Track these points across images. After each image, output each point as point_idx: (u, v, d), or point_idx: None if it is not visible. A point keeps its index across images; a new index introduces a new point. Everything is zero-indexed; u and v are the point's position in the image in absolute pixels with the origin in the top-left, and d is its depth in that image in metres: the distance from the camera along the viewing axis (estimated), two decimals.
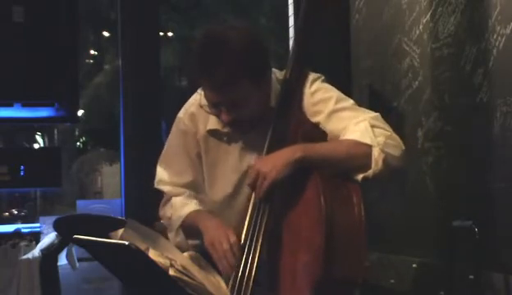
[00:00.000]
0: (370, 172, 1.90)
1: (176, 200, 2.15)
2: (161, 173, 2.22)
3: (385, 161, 1.89)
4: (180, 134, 2.17)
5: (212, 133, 2.12)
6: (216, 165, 2.13)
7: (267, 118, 2.01)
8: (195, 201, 2.13)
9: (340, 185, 1.86)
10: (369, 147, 1.90)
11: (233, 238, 1.91)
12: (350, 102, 2.05)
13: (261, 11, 11.84)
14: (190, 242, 2.09)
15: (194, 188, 2.17)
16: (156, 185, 2.23)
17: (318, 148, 1.92)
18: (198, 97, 2.14)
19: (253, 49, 1.95)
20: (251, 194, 1.96)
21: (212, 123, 2.10)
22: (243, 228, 1.94)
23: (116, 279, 1.96)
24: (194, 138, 2.15)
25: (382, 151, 1.89)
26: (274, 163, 1.86)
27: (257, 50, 1.97)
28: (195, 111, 2.14)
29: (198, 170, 2.17)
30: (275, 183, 1.85)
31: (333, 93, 2.05)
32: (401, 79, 2.84)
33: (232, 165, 2.10)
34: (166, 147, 2.24)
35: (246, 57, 1.92)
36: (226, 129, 2.09)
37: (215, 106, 1.97)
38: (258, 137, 2.03)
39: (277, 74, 2.09)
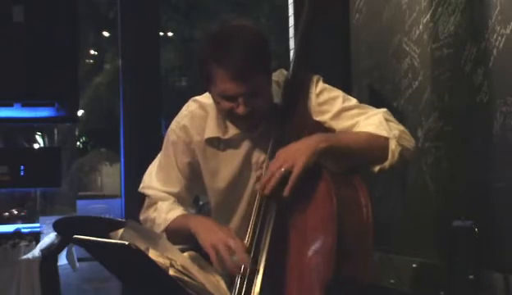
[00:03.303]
0: (386, 163, 1.94)
1: (162, 204, 2.13)
2: (147, 179, 2.22)
3: (401, 153, 1.95)
4: (171, 145, 2.16)
5: (211, 141, 2.10)
6: (217, 172, 2.12)
7: (268, 119, 2.01)
8: (182, 208, 2.12)
9: (348, 185, 1.87)
10: (386, 139, 1.94)
11: (238, 241, 1.88)
12: (355, 100, 2.08)
13: (261, 11, 11.83)
14: None
15: (179, 199, 2.15)
16: (140, 189, 2.22)
17: (340, 138, 1.94)
18: (190, 108, 2.13)
19: (265, 43, 1.98)
20: (254, 193, 1.95)
21: (211, 131, 2.09)
22: (247, 225, 1.93)
23: (116, 279, 1.96)
24: (187, 147, 2.13)
25: (399, 143, 1.93)
26: (301, 150, 1.83)
27: (267, 44, 1.99)
28: (188, 123, 2.12)
29: (187, 181, 2.16)
30: (305, 170, 1.81)
31: (338, 92, 2.07)
32: (401, 79, 2.84)
33: (235, 169, 2.09)
34: (157, 158, 2.23)
35: (262, 49, 1.94)
36: (227, 136, 2.07)
37: (232, 99, 1.93)
38: (259, 140, 2.03)
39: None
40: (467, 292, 2.30)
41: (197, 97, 2.15)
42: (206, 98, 2.10)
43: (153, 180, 2.19)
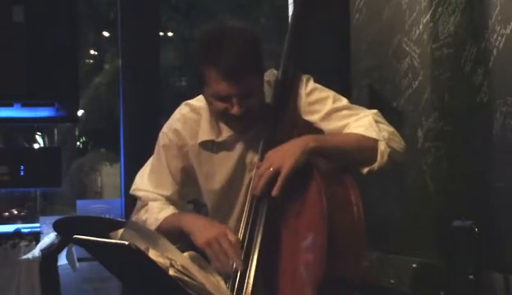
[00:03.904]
0: (375, 165, 1.95)
1: (153, 204, 2.13)
2: (139, 181, 2.21)
3: (390, 155, 1.95)
4: (162, 149, 2.15)
5: (205, 144, 2.09)
6: (212, 174, 2.12)
7: (261, 119, 2.01)
8: (172, 207, 2.12)
9: (339, 184, 1.87)
10: (375, 140, 1.94)
11: (233, 237, 1.90)
12: (345, 100, 2.07)
13: (261, 12, 11.83)
14: None
15: (171, 202, 2.15)
16: (132, 191, 2.21)
17: (329, 139, 1.95)
18: (183, 112, 2.13)
19: (258, 43, 1.98)
20: (248, 189, 1.96)
21: (204, 134, 2.08)
22: (240, 224, 1.94)
23: (116, 279, 1.96)
24: (179, 150, 2.13)
25: (388, 145, 1.94)
26: (290, 151, 1.85)
27: (260, 44, 1.99)
28: (180, 127, 2.12)
29: (180, 185, 2.15)
30: (294, 171, 1.83)
31: (329, 92, 2.07)
32: (401, 79, 2.84)
33: (230, 171, 2.09)
34: (148, 161, 2.23)
35: (255, 49, 1.95)
36: (220, 139, 2.07)
37: (225, 100, 1.93)
38: (252, 141, 2.04)
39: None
40: (467, 292, 2.30)
41: (189, 101, 2.15)
42: (198, 101, 2.10)
43: (144, 182, 2.18)
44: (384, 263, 2.88)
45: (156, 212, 2.10)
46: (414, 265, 2.67)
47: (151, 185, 2.17)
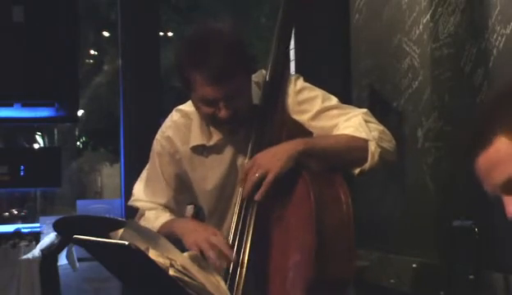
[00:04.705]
0: (366, 165, 1.95)
1: (149, 213, 2.15)
2: (137, 191, 2.24)
3: (381, 155, 1.95)
4: (156, 156, 2.17)
5: (196, 149, 2.10)
6: (205, 178, 2.13)
7: (250, 120, 2.01)
8: (169, 214, 2.14)
9: (328, 184, 1.88)
10: (365, 141, 1.95)
11: (219, 236, 1.92)
12: (335, 99, 2.07)
13: (261, 11, 11.82)
14: None
15: (168, 208, 2.17)
16: (130, 202, 2.24)
17: (319, 142, 1.95)
18: (174, 118, 2.14)
19: (241, 44, 1.99)
20: (239, 190, 1.97)
21: (195, 139, 2.09)
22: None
23: (116, 279, 1.96)
24: (171, 157, 2.14)
25: (378, 145, 1.93)
26: (277, 156, 1.86)
27: (243, 45, 2.00)
28: (172, 133, 2.13)
29: (175, 192, 2.17)
30: (280, 175, 1.84)
31: (318, 91, 2.07)
32: (401, 79, 2.84)
33: (222, 173, 2.10)
34: (145, 169, 2.25)
35: (238, 51, 1.95)
36: (211, 142, 2.08)
37: (212, 104, 1.94)
38: (242, 143, 2.04)
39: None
40: (467, 292, 2.30)
41: (180, 107, 2.17)
42: (189, 106, 2.11)
43: (141, 193, 2.22)
44: (384, 263, 2.88)
45: (152, 220, 2.13)
46: (414, 265, 2.67)
47: (147, 195, 2.20)
